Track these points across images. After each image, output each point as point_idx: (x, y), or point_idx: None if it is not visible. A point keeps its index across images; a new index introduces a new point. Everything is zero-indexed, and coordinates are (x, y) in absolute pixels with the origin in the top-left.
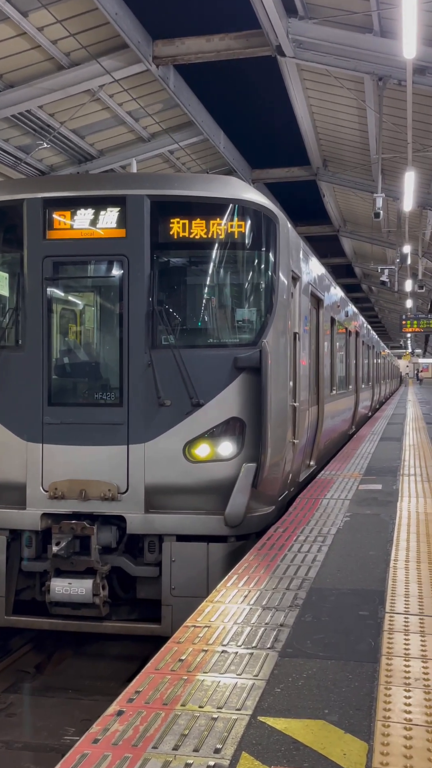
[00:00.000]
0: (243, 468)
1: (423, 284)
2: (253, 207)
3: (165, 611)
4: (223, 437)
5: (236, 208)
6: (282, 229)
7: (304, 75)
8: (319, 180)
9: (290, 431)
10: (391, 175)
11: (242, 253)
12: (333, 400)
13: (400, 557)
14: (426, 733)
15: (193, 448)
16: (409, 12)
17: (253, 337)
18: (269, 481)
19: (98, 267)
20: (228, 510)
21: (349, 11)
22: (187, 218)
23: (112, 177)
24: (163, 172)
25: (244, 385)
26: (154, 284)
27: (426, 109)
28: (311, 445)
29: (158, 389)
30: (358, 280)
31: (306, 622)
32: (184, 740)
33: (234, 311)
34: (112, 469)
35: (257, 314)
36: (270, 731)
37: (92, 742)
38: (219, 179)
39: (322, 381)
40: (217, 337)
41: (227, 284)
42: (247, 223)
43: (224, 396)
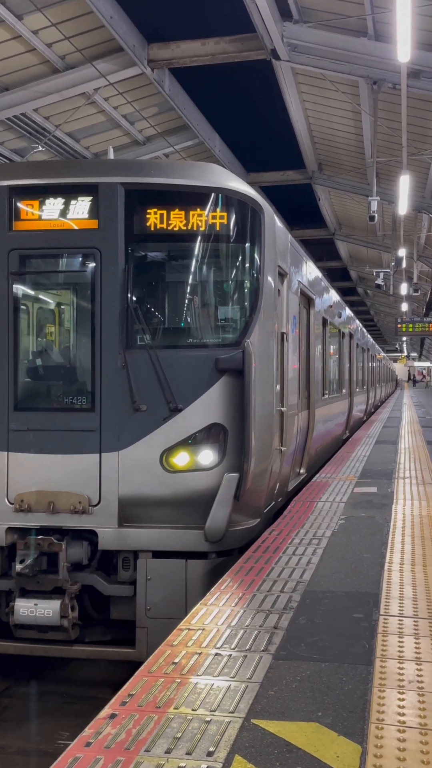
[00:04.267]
0: (225, 478)
1: (418, 288)
2: (237, 196)
3: (140, 634)
4: (204, 445)
5: (218, 197)
6: (268, 221)
7: (299, 78)
8: (315, 183)
9: (277, 438)
10: (386, 178)
11: (225, 247)
12: (325, 404)
13: (394, 560)
14: (420, 736)
15: (171, 456)
16: (404, 16)
17: (236, 337)
18: (254, 492)
19: (68, 261)
20: (208, 524)
21: (344, 15)
22: (165, 208)
23: (84, 163)
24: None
25: (227, 389)
26: (129, 279)
27: (420, 112)
28: (301, 452)
29: (133, 393)
30: (354, 284)
31: (300, 624)
32: (176, 743)
33: (215, 309)
34: (83, 480)
35: (241, 312)
36: (263, 734)
37: (84, 745)
38: (199, 166)
39: (313, 384)
40: (197, 337)
41: (208, 280)
42: (229, 214)
43: (205, 400)
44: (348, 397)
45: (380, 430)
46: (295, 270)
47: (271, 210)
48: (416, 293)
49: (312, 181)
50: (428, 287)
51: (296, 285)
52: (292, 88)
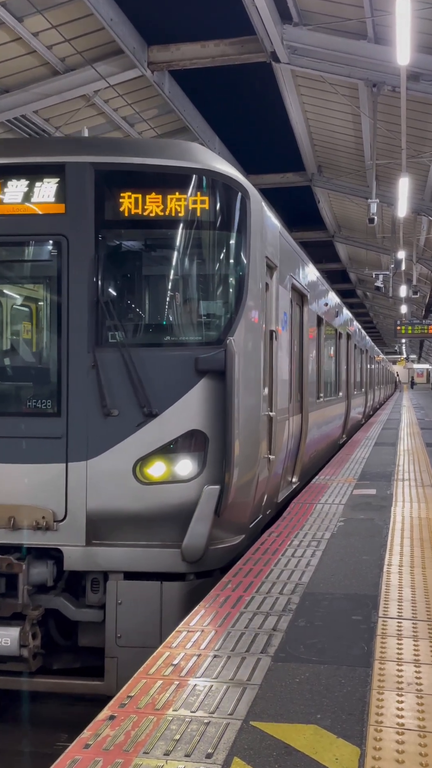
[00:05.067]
0: (204, 491)
1: (417, 290)
2: (220, 179)
3: (109, 664)
4: (182, 454)
5: (199, 179)
6: (254, 206)
7: (299, 81)
8: (314, 186)
9: (265, 445)
10: (385, 180)
11: (206, 234)
12: (320, 407)
13: (393, 562)
14: (418, 738)
15: (146, 466)
16: (403, 19)
17: (218, 335)
18: (237, 505)
19: (32, 249)
20: (186, 542)
21: (344, 18)
22: (140, 191)
23: (50, 141)
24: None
25: (208, 392)
26: (100, 270)
27: (420, 115)
28: (293, 459)
29: (104, 396)
30: (353, 286)
31: (299, 626)
32: (175, 745)
33: (195, 303)
34: (47, 492)
35: (224, 307)
36: (262, 736)
37: (83, 747)
38: (178, 144)
39: (307, 387)
40: (175, 334)
41: (187, 271)
42: (212, 198)
43: (183, 404)
44: (345, 399)
45: (379, 432)
46: (287, 264)
47: (258, 196)
48: (415, 295)
49: (311, 183)
50: (427, 289)
51: (287, 280)
52: (291, 90)
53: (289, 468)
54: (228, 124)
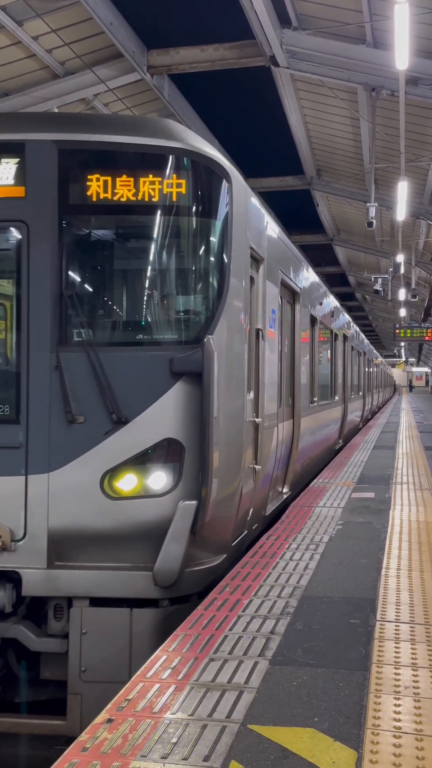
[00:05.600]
0: (179, 507)
1: (416, 293)
2: (198, 159)
3: (72, 702)
4: (155, 465)
5: (175, 160)
6: (237, 191)
7: (298, 85)
8: (313, 189)
9: (249, 454)
10: (384, 184)
11: (182, 221)
12: (314, 412)
13: (391, 565)
14: (415, 741)
15: (115, 479)
16: (402, 24)
17: (195, 333)
18: (217, 522)
19: None
20: (158, 565)
21: (343, 22)
22: (110, 173)
23: (8, 117)
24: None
25: (184, 396)
26: (64, 260)
27: (418, 119)
28: (284, 468)
29: (68, 401)
30: (352, 289)
31: (297, 630)
32: (173, 749)
33: (171, 298)
34: (3, 509)
35: (202, 302)
36: (259, 739)
37: (81, 750)
38: (152, 121)
39: (299, 390)
40: (147, 333)
41: (162, 262)
42: (189, 181)
43: (157, 410)
44: (342, 403)
45: (378, 435)
46: (275, 257)
47: (242, 180)
48: (414, 299)
49: (310, 186)
50: (426, 293)
51: (277, 275)
52: (290, 94)
53: (279, 478)
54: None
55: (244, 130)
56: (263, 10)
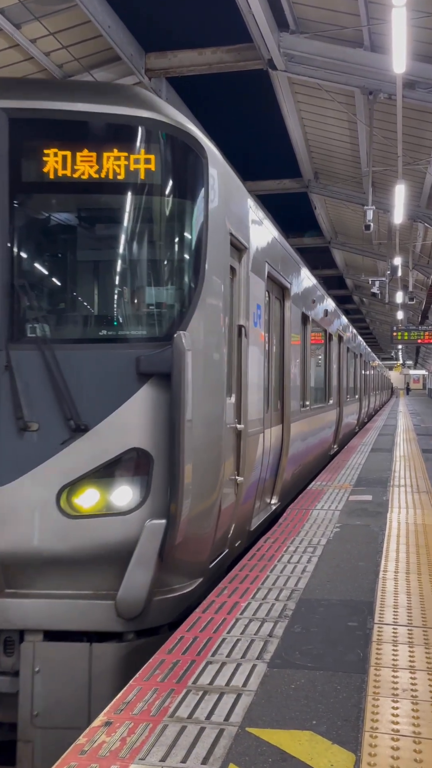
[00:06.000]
0: (146, 527)
1: (413, 296)
2: (170, 132)
3: (23, 751)
4: (119, 479)
5: (145, 132)
6: (214, 168)
7: (296, 88)
8: (311, 192)
9: (230, 465)
10: (381, 187)
11: (151, 202)
12: (306, 416)
13: (389, 568)
14: (413, 744)
15: (73, 495)
16: (399, 27)
17: (166, 329)
18: (191, 542)
19: None
20: (121, 593)
21: (340, 26)
22: (69, 147)
23: None
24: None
25: (153, 400)
26: (16, 246)
27: (416, 123)
28: (272, 477)
29: (19, 405)
30: (350, 292)
31: (295, 632)
32: (171, 751)
33: (138, 289)
34: None
35: (175, 294)
36: (258, 742)
37: (79, 753)
38: (116, 87)
39: (290, 393)
40: (111, 328)
41: (128, 248)
42: (158, 156)
43: (121, 416)
44: (337, 406)
45: (376, 438)
46: (261, 247)
47: (220, 158)
48: (411, 302)
49: (308, 189)
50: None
51: (263, 267)
52: (288, 97)
53: (266, 488)
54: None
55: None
56: (261, 13)
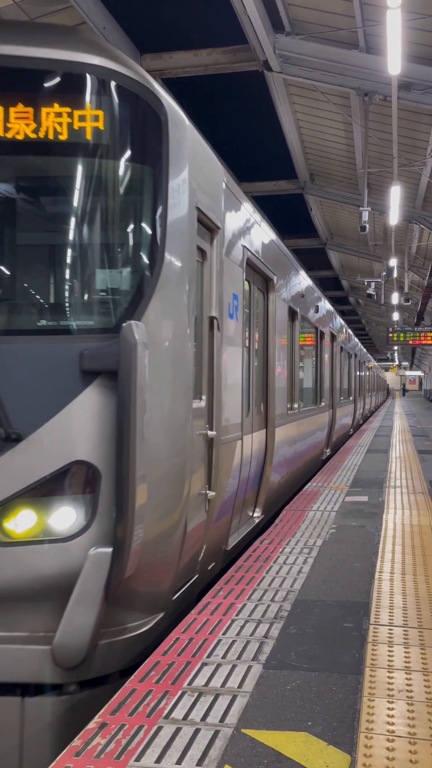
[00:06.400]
0: (89, 557)
1: (409, 297)
2: (122, 82)
3: None
4: (59, 498)
5: (90, 82)
6: (177, 130)
7: (291, 90)
8: (306, 193)
9: (199, 478)
10: (377, 189)
11: (99, 167)
12: (294, 420)
13: (385, 569)
14: (408, 745)
15: (4, 518)
16: (394, 29)
17: (117, 318)
18: (147, 572)
19: None
20: (59, 638)
21: (335, 27)
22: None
23: None
24: None
25: (100, 404)
26: None
27: (411, 124)
28: (254, 488)
29: None
30: (346, 293)
31: (290, 634)
32: (166, 753)
33: (83, 271)
34: None
35: (128, 277)
36: (253, 743)
37: (74, 755)
38: (54, 28)
39: (274, 395)
40: (51, 317)
41: (71, 222)
42: (108, 113)
43: (62, 423)
44: (329, 409)
45: (371, 438)
46: (238, 229)
47: (185, 119)
48: (407, 303)
49: (304, 191)
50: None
51: (240, 252)
52: (284, 99)
53: (247, 500)
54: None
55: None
56: (256, 15)
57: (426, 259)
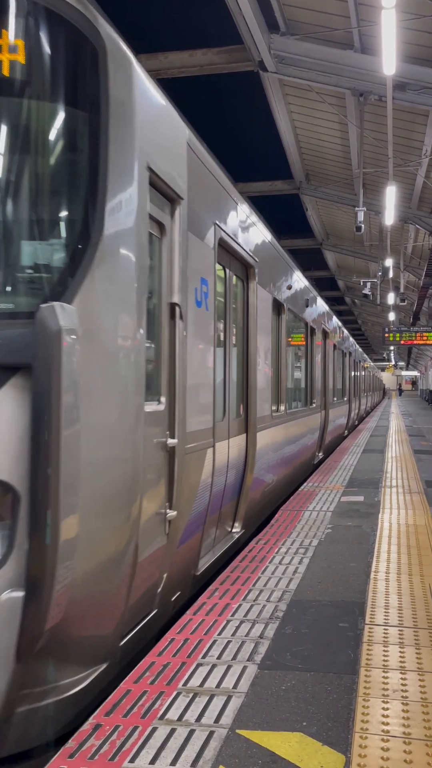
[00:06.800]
0: (0, 602)
1: (405, 297)
2: (48, 4)
3: None
4: None
5: (17, 5)
6: (117, 67)
7: (287, 90)
8: (302, 194)
9: (155, 497)
10: (372, 189)
11: (19, 111)
12: (280, 422)
13: (380, 569)
14: (403, 745)
15: None
16: (389, 29)
17: (41, 300)
18: (82, 616)
19: None
20: None
21: (330, 28)
22: None
23: None
24: None
25: (18, 409)
26: None
27: (406, 124)
28: (233, 500)
29: None
30: (342, 293)
31: (286, 634)
32: (161, 754)
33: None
34: None
35: (56, 250)
36: (248, 744)
37: (68, 756)
38: None
39: (255, 396)
40: None
41: None
42: (28, 41)
43: None
44: (321, 410)
45: (367, 438)
46: (209, 203)
47: (128, 53)
48: (403, 303)
49: (299, 191)
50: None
51: (210, 229)
52: (279, 99)
53: (224, 515)
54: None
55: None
56: (251, 15)
57: (421, 259)
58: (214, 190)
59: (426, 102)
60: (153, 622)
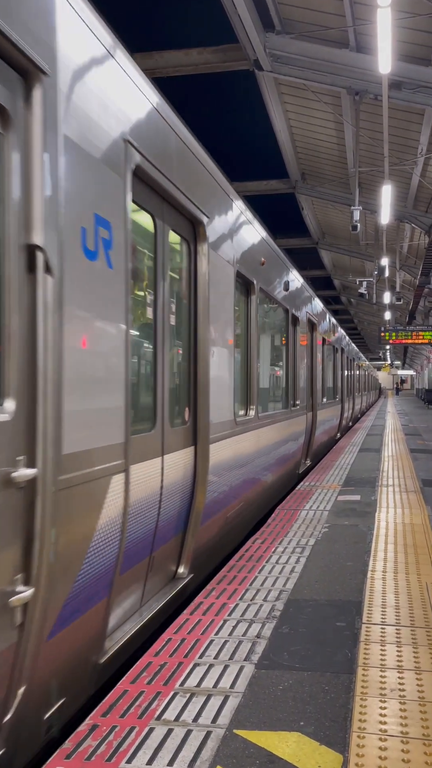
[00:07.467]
0: None
1: (401, 296)
2: None
3: None
4: None
5: None
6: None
7: (282, 89)
8: (298, 193)
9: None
10: (368, 188)
11: None
12: (248, 429)
13: (377, 568)
14: (401, 744)
15: None
16: (384, 28)
17: None
18: None
19: None
20: None
21: (325, 26)
22: None
23: None
24: None
25: None
26: None
27: (402, 123)
28: (174, 537)
29: None
30: (338, 292)
31: (283, 633)
32: (158, 754)
33: None
34: None
35: None
36: (245, 744)
37: (65, 757)
38: None
39: (206, 396)
40: None
41: None
42: None
43: None
44: (307, 412)
45: (364, 438)
46: (110, 96)
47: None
48: (399, 302)
49: (295, 190)
50: (411, 296)
51: (115, 143)
52: (274, 98)
53: (156, 561)
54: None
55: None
56: (246, 13)
57: (417, 258)
58: (120, 78)
59: (421, 101)
60: (62, 709)
